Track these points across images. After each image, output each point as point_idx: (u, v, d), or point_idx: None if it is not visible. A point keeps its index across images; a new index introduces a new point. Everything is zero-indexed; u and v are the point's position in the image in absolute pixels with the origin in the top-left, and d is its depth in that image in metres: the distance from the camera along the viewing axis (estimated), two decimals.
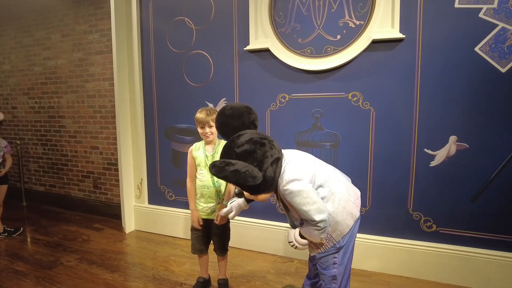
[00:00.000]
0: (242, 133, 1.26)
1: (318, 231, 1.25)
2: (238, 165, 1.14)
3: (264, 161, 1.19)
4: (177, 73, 2.64)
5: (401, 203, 2.09)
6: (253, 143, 1.20)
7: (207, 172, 1.78)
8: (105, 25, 3.06)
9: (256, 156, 1.19)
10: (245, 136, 1.23)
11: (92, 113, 3.32)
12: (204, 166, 1.80)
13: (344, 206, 1.32)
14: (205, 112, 1.75)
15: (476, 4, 1.81)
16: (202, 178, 1.81)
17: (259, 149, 1.19)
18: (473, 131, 1.90)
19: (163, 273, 2.19)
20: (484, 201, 1.92)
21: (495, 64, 1.81)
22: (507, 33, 1.77)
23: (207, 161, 1.79)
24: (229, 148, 1.23)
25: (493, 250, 1.92)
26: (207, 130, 1.75)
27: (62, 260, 2.37)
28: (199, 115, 1.75)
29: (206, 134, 1.76)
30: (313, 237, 1.28)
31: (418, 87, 1.97)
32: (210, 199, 1.81)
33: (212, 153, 1.81)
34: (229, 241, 1.92)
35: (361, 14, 2.03)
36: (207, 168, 1.78)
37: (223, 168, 1.14)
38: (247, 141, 1.21)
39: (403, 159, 2.05)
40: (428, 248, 2.04)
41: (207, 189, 1.81)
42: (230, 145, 1.24)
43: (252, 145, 1.20)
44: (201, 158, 1.81)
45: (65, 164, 3.59)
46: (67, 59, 3.36)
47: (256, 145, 1.20)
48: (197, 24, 2.51)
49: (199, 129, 1.77)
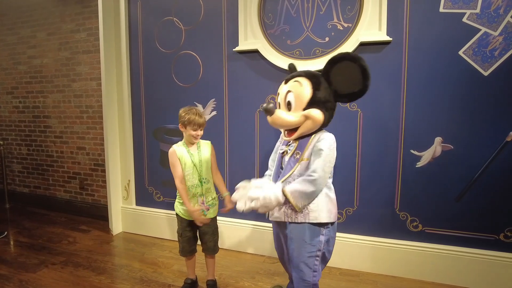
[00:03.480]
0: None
1: (309, 189, 1.36)
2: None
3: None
4: (165, 73, 2.62)
5: (388, 203, 2.12)
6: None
7: (194, 172, 1.79)
8: (93, 24, 3.02)
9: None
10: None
11: (78, 113, 3.27)
12: (191, 166, 1.79)
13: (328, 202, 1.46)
14: (197, 114, 1.74)
15: (460, 9, 1.85)
16: (189, 177, 1.81)
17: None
18: (457, 132, 1.94)
19: (151, 275, 2.17)
20: (468, 200, 1.96)
21: (478, 68, 1.86)
22: (489, 38, 1.82)
23: (193, 160, 1.79)
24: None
25: (477, 249, 1.97)
26: (200, 133, 1.76)
27: (46, 263, 2.32)
28: (194, 117, 1.72)
29: (198, 136, 1.76)
30: (298, 198, 1.38)
31: (405, 89, 2.01)
32: (205, 197, 1.82)
33: (198, 151, 1.81)
34: (219, 239, 1.92)
35: (349, 16, 2.06)
36: (194, 167, 1.78)
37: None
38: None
39: (390, 160, 2.08)
40: (415, 248, 2.07)
41: (194, 189, 1.80)
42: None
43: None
44: (186, 158, 1.80)
45: (51, 165, 3.52)
46: (53, 58, 3.30)
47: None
48: (186, 24, 2.50)
49: (191, 131, 1.75)
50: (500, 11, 1.79)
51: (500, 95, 1.84)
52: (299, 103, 1.41)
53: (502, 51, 1.81)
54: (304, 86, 1.40)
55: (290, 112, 1.43)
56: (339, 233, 2.19)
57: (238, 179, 2.42)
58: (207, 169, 1.83)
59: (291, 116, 1.41)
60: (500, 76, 1.83)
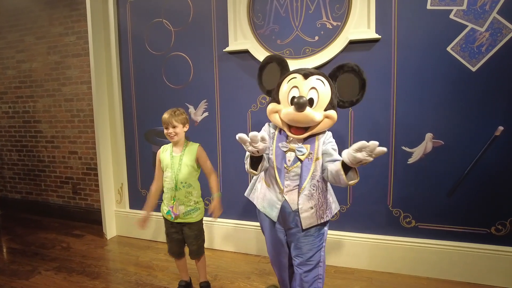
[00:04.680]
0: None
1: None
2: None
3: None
4: (156, 75, 2.60)
5: (381, 200, 2.13)
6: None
7: (172, 174, 1.78)
8: (82, 27, 3.00)
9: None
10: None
11: (70, 117, 3.24)
12: (170, 168, 1.79)
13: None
14: (169, 113, 1.76)
15: (447, 5, 1.87)
16: (167, 179, 1.81)
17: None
18: (448, 128, 1.96)
19: (146, 278, 2.16)
20: (459, 195, 1.98)
21: (466, 64, 1.88)
22: (476, 34, 1.84)
23: (173, 163, 1.79)
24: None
25: (469, 243, 1.99)
26: (171, 130, 1.75)
27: (39, 269, 2.30)
28: (164, 115, 1.76)
29: (169, 134, 1.76)
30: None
31: (395, 86, 2.02)
32: (179, 201, 1.79)
33: (180, 154, 1.80)
34: (204, 243, 1.91)
35: (338, 15, 2.07)
36: (173, 169, 1.78)
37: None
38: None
39: (381, 157, 2.05)
40: (408, 244, 2.09)
41: (170, 192, 1.79)
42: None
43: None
44: (167, 160, 1.80)
45: (42, 170, 3.48)
46: (42, 62, 3.27)
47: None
48: (175, 25, 2.49)
49: (164, 129, 1.77)
50: (486, 7, 1.81)
51: (488, 90, 1.86)
52: (322, 102, 1.40)
53: (489, 46, 1.83)
54: (326, 87, 1.41)
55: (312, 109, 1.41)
56: (333, 231, 2.21)
57: (232, 180, 2.46)
58: (189, 174, 1.79)
59: (318, 114, 1.39)
60: (487, 72, 1.85)
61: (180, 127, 1.77)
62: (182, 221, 1.82)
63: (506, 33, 1.79)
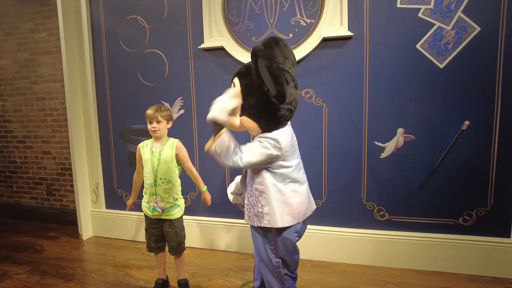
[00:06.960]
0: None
1: (225, 156, 1.29)
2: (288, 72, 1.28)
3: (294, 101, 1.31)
4: (131, 72, 2.56)
5: (355, 194, 2.17)
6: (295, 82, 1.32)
7: (152, 170, 1.79)
8: (53, 23, 2.91)
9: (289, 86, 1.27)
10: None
11: (42, 116, 3.14)
12: (149, 164, 1.79)
13: (286, 202, 1.35)
14: (154, 108, 1.78)
15: (415, 4, 1.93)
16: (147, 175, 1.82)
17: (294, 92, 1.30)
18: (418, 123, 2.02)
19: (123, 278, 2.13)
20: (430, 188, 2.05)
21: (434, 60, 1.94)
22: (443, 32, 1.90)
23: (153, 158, 1.79)
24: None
25: (442, 234, 2.06)
26: (154, 125, 1.76)
27: (10, 273, 2.22)
28: (148, 111, 1.78)
29: (153, 129, 1.77)
30: (219, 146, 1.27)
31: (367, 82, 2.07)
32: (160, 197, 1.80)
33: (159, 150, 1.80)
34: (184, 239, 1.91)
35: (311, 12, 2.09)
36: (152, 165, 1.79)
37: (274, 61, 1.21)
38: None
39: (355, 152, 2.14)
40: (382, 236, 2.14)
41: (150, 188, 1.81)
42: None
43: (292, 82, 1.29)
44: (147, 156, 1.81)
45: (14, 171, 3.37)
46: (11, 59, 3.16)
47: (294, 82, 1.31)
48: (150, 22, 2.46)
49: (148, 124, 1.79)
50: (451, 7, 1.87)
51: (454, 86, 1.94)
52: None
53: (455, 44, 1.90)
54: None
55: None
56: (310, 226, 2.23)
57: (209, 176, 2.45)
58: (168, 170, 1.80)
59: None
60: (454, 68, 1.92)
61: (164, 123, 1.79)
62: (162, 217, 1.82)
63: (470, 31, 1.87)
